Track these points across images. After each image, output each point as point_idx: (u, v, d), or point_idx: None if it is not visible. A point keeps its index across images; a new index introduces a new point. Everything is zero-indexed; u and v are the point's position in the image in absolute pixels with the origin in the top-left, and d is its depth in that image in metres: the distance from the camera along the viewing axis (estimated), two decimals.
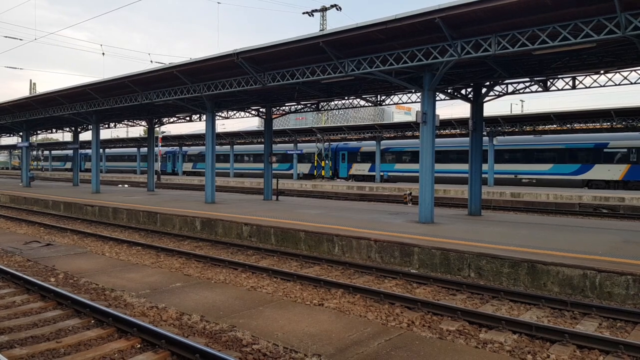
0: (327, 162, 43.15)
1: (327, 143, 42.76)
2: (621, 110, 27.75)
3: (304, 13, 41.12)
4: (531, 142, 33.73)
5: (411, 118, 60.07)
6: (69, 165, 69.40)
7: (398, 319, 6.50)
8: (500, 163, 34.12)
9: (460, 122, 32.68)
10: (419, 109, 12.90)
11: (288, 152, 44.05)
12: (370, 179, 39.84)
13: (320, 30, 22.47)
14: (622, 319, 6.56)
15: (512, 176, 33.44)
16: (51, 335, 5.63)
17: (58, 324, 6.00)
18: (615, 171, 29.67)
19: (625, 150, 29.42)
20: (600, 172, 30.14)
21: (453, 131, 35.37)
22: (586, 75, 13.81)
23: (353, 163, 42.11)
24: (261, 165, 43.04)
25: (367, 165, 40.56)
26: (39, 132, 38.92)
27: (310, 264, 10.10)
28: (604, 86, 13.73)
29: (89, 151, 56.95)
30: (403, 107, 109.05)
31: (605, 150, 30.10)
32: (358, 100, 19.50)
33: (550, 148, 32.52)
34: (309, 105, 21.22)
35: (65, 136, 73.36)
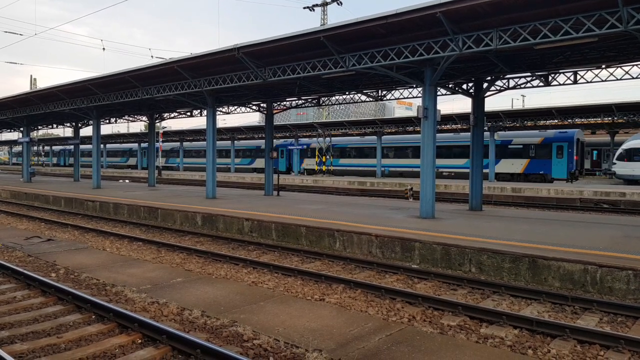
0: (327, 157, 43.26)
1: (284, 140, 46.86)
2: (622, 105, 27.69)
3: (304, 8, 40.94)
4: (450, 139, 36.24)
5: (412, 113, 59.94)
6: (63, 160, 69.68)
7: (399, 314, 6.51)
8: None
9: (462, 117, 32.61)
10: (420, 104, 12.86)
11: (249, 147, 48.93)
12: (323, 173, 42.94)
13: (321, 25, 22.38)
14: (623, 313, 6.56)
15: (435, 169, 34.71)
16: (52, 330, 5.64)
17: (59, 320, 6.01)
18: (517, 165, 32.84)
19: (526, 145, 32.54)
20: (506, 165, 33.10)
21: (454, 126, 35.32)
22: (588, 70, 13.75)
23: (304, 158, 45.29)
24: (231, 160, 49.70)
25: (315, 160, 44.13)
26: (39, 127, 38.88)
27: (311, 259, 10.11)
28: (605, 81, 13.67)
29: (86, 147, 57.07)
30: (404, 102, 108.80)
31: (509, 146, 33.08)
32: (359, 95, 19.47)
33: (465, 144, 34.09)
34: (309, 100, 21.18)
35: (66, 132, 73.25)
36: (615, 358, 5.15)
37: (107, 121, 29.60)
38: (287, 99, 21.31)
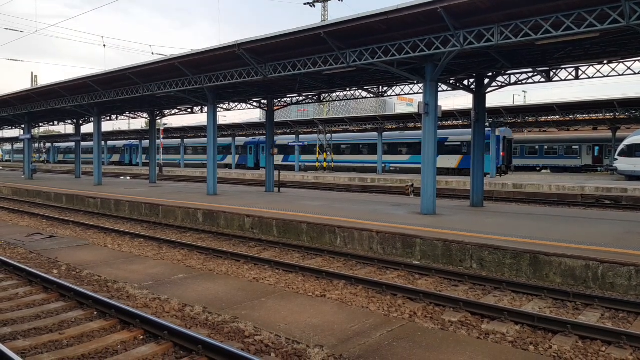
0: (328, 153, 43.31)
1: (252, 137, 49.13)
2: (624, 101, 27.60)
3: (305, 4, 40.81)
4: (396, 137, 39.80)
5: (413, 109, 59.82)
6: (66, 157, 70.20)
7: (400, 310, 6.51)
8: (374, 155, 40.28)
9: (463, 113, 32.55)
10: (421, 100, 12.83)
11: (221, 144, 49.54)
12: (283, 168, 43.82)
13: (322, 21, 22.31)
14: (625, 309, 6.56)
15: (383, 165, 39.63)
16: (54, 326, 5.66)
17: (61, 316, 6.03)
18: (452, 160, 35.76)
19: (459, 143, 35.46)
20: (443, 161, 34.65)
21: (455, 122, 35.25)
22: (589, 66, 13.69)
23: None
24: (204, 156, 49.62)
25: (281, 157, 46.27)
26: (40, 124, 38.92)
27: (312, 255, 10.11)
28: (607, 76, 13.61)
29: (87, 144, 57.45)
30: (405, 99, 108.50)
31: (446, 143, 35.72)
32: (360, 91, 19.42)
33: (408, 142, 38.69)
34: (310, 96, 21.14)
35: (67, 129, 73.32)
36: (616, 354, 5.14)
37: (108, 118, 29.59)
38: (288, 96, 21.27)
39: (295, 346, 5.07)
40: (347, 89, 19.33)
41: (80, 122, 32.41)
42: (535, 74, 14.50)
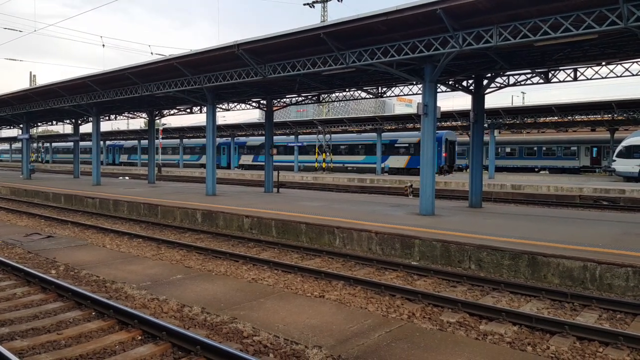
0: (327, 154, 43.39)
1: (225, 139, 51.44)
2: (622, 102, 27.66)
3: (304, 4, 40.89)
4: (353, 139, 42.88)
5: (412, 110, 59.90)
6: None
7: (399, 311, 6.52)
8: (334, 155, 43.11)
9: (462, 114, 32.59)
10: (420, 101, 12.85)
11: (197, 145, 53.50)
12: (253, 167, 48.53)
13: (321, 22, 22.33)
14: (622, 310, 6.57)
15: (341, 165, 42.83)
16: (52, 327, 5.65)
17: (59, 316, 6.02)
18: (401, 161, 38.92)
19: (407, 145, 38.72)
20: (394, 161, 39.14)
21: (454, 123, 35.30)
22: (588, 67, 13.73)
23: (242, 155, 50.44)
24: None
25: (251, 157, 49.55)
26: (39, 124, 38.88)
27: (311, 256, 10.12)
28: (605, 78, 13.65)
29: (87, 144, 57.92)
30: (404, 99, 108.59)
31: (396, 145, 39.22)
32: (359, 92, 19.43)
33: (363, 143, 41.56)
34: (309, 97, 21.15)
35: (66, 128, 73.28)
36: (614, 355, 5.15)
37: (107, 118, 29.57)
38: (287, 96, 21.28)
39: (294, 347, 5.07)
40: (347, 90, 19.34)
41: (79, 121, 32.37)
42: (534, 75, 14.54)
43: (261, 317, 6.05)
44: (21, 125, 32.34)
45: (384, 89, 18.35)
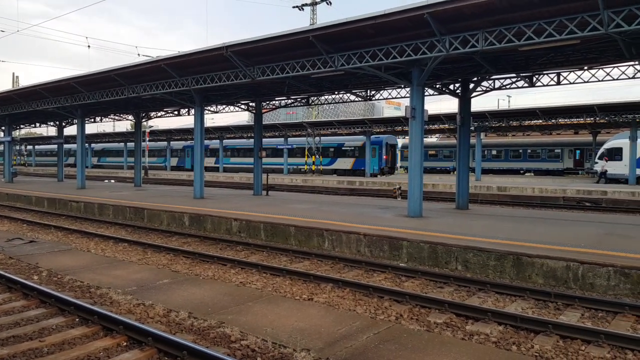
0: (317, 157, 43.51)
1: (190, 142, 51.94)
2: (604, 106, 28.16)
3: (294, 7, 40.90)
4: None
5: (401, 113, 60.32)
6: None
7: (387, 313, 6.56)
8: (290, 157, 44.92)
9: (449, 117, 32.82)
10: (408, 104, 12.95)
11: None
12: (215, 169, 50.35)
13: (311, 25, 22.40)
14: (604, 309, 6.70)
15: (296, 167, 45.23)
16: (34, 334, 5.53)
17: (41, 323, 5.90)
18: (348, 163, 41.52)
19: (353, 148, 41.25)
20: (341, 163, 41.82)
21: (442, 126, 35.59)
22: (570, 72, 13.99)
23: (205, 157, 49.16)
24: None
25: (213, 159, 51.27)
26: (21, 126, 38.27)
27: (300, 258, 10.12)
28: (587, 82, 13.92)
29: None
30: (393, 102, 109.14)
31: (343, 148, 41.86)
32: (348, 95, 19.52)
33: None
34: (299, 99, 21.17)
35: (50, 131, 72.30)
36: (595, 352, 5.25)
37: (92, 120, 29.25)
38: (276, 98, 21.28)
39: (282, 350, 5.08)
40: (336, 93, 19.41)
41: (64, 124, 31.95)
42: (519, 79, 14.75)
43: (249, 321, 6.04)
44: (3, 128, 31.82)
45: (373, 92, 18.46)
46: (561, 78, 14.24)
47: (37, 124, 35.84)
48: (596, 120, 29.96)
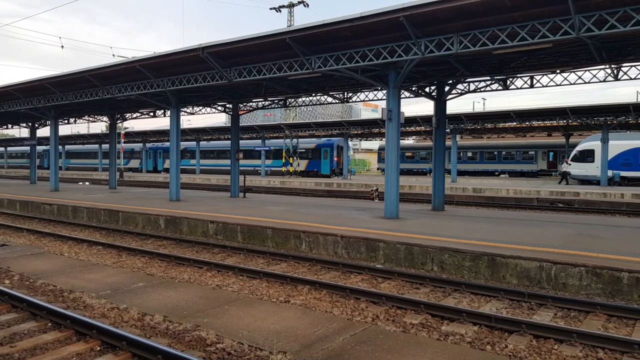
0: (295, 158, 43.55)
1: (153, 144, 54.35)
2: (576, 109, 28.90)
3: (271, 9, 40.89)
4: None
5: (378, 115, 60.84)
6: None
7: (363, 314, 6.59)
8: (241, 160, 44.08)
9: (425, 119, 33.24)
10: (385, 106, 13.05)
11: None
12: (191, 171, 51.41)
13: (288, 26, 22.36)
14: (576, 308, 6.85)
15: (251, 168, 46.41)
16: (4, 339, 5.41)
17: (12, 328, 5.78)
18: (302, 164, 43.71)
19: (306, 150, 43.61)
20: (295, 164, 43.74)
21: (418, 128, 35.96)
22: (543, 75, 14.31)
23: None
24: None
25: (189, 161, 52.44)
26: None
27: (277, 261, 10.08)
28: (560, 85, 14.25)
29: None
30: (370, 105, 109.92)
31: (298, 150, 43.56)
32: (325, 97, 19.55)
33: (269, 150, 44.97)
34: (276, 101, 21.12)
35: (22, 132, 70.63)
36: (568, 351, 5.37)
37: (66, 121, 28.61)
38: (254, 100, 21.18)
39: (258, 353, 5.04)
40: (313, 95, 19.42)
41: (36, 125, 31.17)
42: (493, 82, 15.02)
43: (225, 324, 5.99)
44: None
45: (350, 94, 18.53)
46: (534, 81, 14.55)
47: (9, 126, 34.87)
48: (569, 122, 30.71)
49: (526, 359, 5.21)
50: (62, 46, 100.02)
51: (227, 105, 21.59)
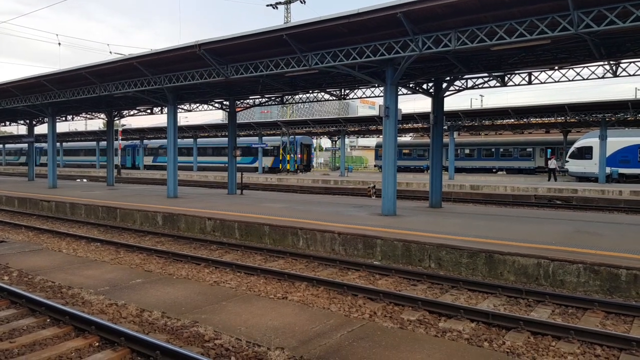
0: (292, 155, 43.49)
1: (131, 141, 55.57)
2: (575, 105, 28.93)
3: (268, 6, 40.80)
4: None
5: (375, 112, 60.74)
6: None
7: (361, 310, 6.60)
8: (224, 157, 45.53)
9: (422, 116, 33.24)
10: (382, 103, 13.04)
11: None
12: (153, 167, 53.10)
13: (284, 23, 22.31)
14: (573, 305, 6.87)
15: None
16: (4, 335, 5.42)
17: (11, 324, 5.78)
18: (268, 161, 45.00)
19: (272, 148, 44.49)
20: (265, 161, 44.94)
21: (415, 125, 35.96)
22: (541, 71, 14.30)
23: (145, 156, 55.54)
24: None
25: (151, 158, 54.53)
26: None
27: (274, 257, 10.09)
28: (558, 81, 14.25)
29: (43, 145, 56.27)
30: (367, 102, 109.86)
31: (265, 148, 44.35)
32: (322, 94, 19.53)
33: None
34: (273, 98, 21.08)
35: (20, 129, 70.38)
36: (565, 348, 5.39)
37: (64, 118, 28.53)
38: (251, 97, 21.14)
39: (256, 349, 5.05)
40: (310, 92, 19.39)
41: (34, 122, 31.09)
42: (491, 78, 15.02)
43: (223, 320, 5.99)
44: None
45: (347, 91, 18.51)
46: (532, 78, 14.55)
47: (7, 123, 34.76)
48: (567, 119, 30.75)
49: (524, 355, 5.22)
50: (59, 43, 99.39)
51: (224, 102, 21.54)
